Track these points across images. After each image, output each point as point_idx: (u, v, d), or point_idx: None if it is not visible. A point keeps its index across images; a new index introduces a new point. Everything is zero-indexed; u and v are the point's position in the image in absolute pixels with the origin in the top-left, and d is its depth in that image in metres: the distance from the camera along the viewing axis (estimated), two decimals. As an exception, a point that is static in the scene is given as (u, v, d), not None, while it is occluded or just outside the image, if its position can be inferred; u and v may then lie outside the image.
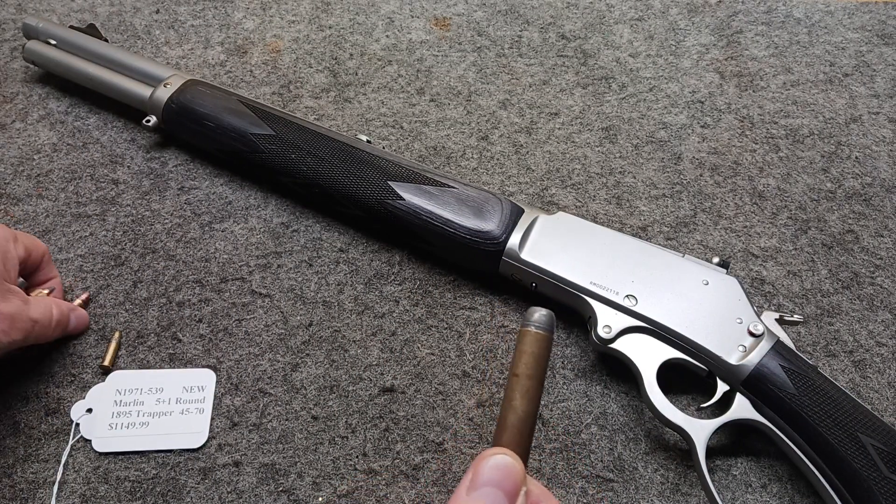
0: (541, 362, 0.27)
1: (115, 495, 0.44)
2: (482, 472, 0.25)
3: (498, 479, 0.25)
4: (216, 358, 0.50)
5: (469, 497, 0.25)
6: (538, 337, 0.27)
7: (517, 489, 0.25)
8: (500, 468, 0.25)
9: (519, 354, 0.28)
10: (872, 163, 0.62)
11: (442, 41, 0.71)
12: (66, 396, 0.48)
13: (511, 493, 0.25)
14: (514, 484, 0.25)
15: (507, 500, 0.25)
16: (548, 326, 0.28)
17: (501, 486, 0.25)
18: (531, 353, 0.27)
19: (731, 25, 0.73)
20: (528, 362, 0.27)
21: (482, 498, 0.25)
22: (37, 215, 0.57)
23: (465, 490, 0.25)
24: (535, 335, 0.27)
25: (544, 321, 0.28)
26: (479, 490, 0.25)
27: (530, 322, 0.28)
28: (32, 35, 0.65)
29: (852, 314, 0.53)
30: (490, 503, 0.25)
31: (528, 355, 0.27)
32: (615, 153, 0.63)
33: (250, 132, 0.56)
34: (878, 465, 0.40)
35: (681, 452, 0.47)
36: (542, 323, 0.28)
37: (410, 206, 0.52)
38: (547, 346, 0.28)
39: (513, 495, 0.25)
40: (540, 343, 0.27)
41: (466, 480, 0.25)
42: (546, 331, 0.28)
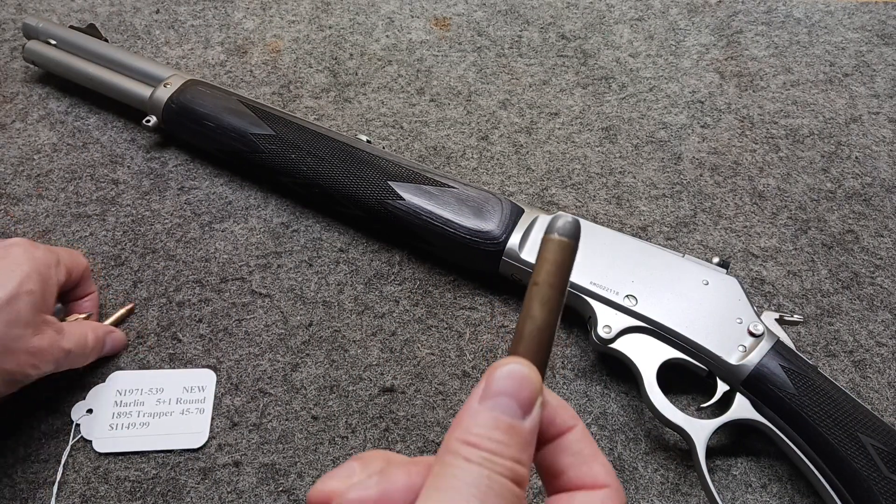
0: (562, 270, 0.26)
1: (115, 495, 0.44)
2: (495, 380, 0.24)
3: (512, 389, 0.23)
4: (216, 358, 0.50)
5: (481, 406, 0.23)
6: (560, 244, 0.26)
7: (533, 399, 0.24)
8: (515, 377, 0.24)
9: (540, 263, 0.26)
10: (872, 163, 0.62)
11: (442, 41, 0.71)
12: (67, 397, 0.48)
13: (526, 403, 0.23)
14: (529, 394, 0.24)
15: (521, 411, 0.23)
16: (571, 234, 0.26)
17: (516, 396, 0.23)
18: (552, 260, 0.26)
19: (731, 25, 0.73)
20: (548, 270, 0.26)
21: (495, 408, 0.23)
22: (37, 215, 0.57)
23: (476, 399, 0.24)
24: (557, 242, 0.26)
25: (567, 228, 0.26)
26: (492, 399, 0.23)
27: (553, 229, 0.26)
28: (32, 35, 0.65)
29: (852, 314, 0.53)
30: (503, 413, 0.23)
31: (549, 263, 0.26)
32: (615, 153, 0.63)
33: (250, 132, 0.56)
34: (878, 465, 0.40)
35: (681, 452, 0.47)
36: (564, 230, 0.26)
37: (410, 206, 0.52)
38: (569, 255, 0.26)
39: (528, 405, 0.23)
40: (561, 250, 0.26)
41: (479, 390, 0.24)
42: (569, 237, 0.26)
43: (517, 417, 0.23)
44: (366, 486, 0.23)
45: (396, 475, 0.23)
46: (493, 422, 0.23)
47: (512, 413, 0.23)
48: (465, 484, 0.22)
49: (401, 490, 0.23)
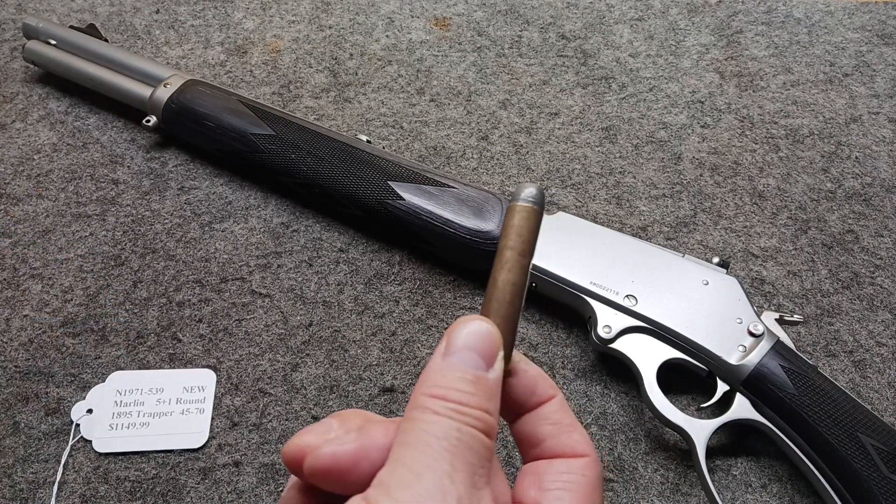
0: (523, 234, 0.27)
1: (115, 495, 0.44)
2: (456, 336, 0.24)
3: (474, 343, 0.24)
4: (216, 358, 0.50)
5: (445, 361, 0.24)
6: (525, 210, 0.27)
7: (494, 352, 0.24)
8: (475, 333, 0.24)
9: (506, 229, 0.27)
10: (872, 163, 0.62)
11: (442, 41, 0.71)
12: (67, 397, 0.48)
13: (488, 355, 0.24)
14: (490, 346, 0.24)
15: (485, 363, 0.24)
16: (536, 200, 0.27)
17: (477, 349, 0.24)
18: (514, 225, 0.27)
19: (731, 25, 0.73)
20: (513, 235, 0.26)
21: (459, 361, 0.24)
22: (37, 215, 0.57)
23: (440, 356, 0.24)
24: (522, 208, 0.27)
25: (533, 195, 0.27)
26: (455, 354, 0.24)
27: (518, 197, 0.27)
28: (32, 35, 0.65)
29: (852, 314, 0.53)
30: (465, 365, 0.24)
31: (514, 228, 0.27)
32: (615, 153, 0.62)
33: (250, 132, 0.56)
34: (878, 465, 0.40)
35: (681, 452, 0.47)
36: (529, 196, 0.27)
37: (410, 206, 0.52)
38: (531, 219, 0.27)
39: (490, 358, 0.24)
40: (527, 216, 0.27)
41: (441, 347, 0.24)
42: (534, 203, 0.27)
43: (481, 369, 0.24)
44: (342, 442, 0.23)
45: (375, 432, 0.23)
46: (459, 374, 0.23)
47: (476, 365, 0.24)
48: (435, 437, 0.22)
49: (379, 447, 0.23)
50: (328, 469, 0.22)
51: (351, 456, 0.22)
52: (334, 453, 0.22)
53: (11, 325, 0.51)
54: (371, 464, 0.22)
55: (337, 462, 0.22)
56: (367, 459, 0.22)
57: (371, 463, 0.22)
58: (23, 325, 0.51)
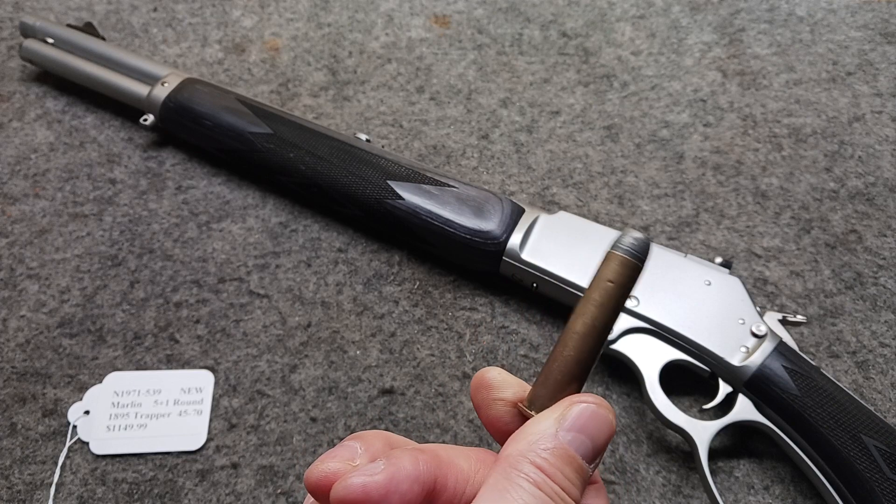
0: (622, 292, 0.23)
1: (112, 497, 0.44)
2: (578, 415, 0.22)
3: (591, 429, 0.22)
4: (214, 359, 0.50)
5: (556, 435, 0.22)
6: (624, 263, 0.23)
7: (604, 448, 0.23)
8: (597, 418, 0.22)
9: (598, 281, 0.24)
10: (876, 162, 0.62)
11: (442, 39, 0.71)
12: (64, 398, 0.48)
13: (598, 449, 0.23)
14: (604, 440, 0.23)
15: (592, 456, 0.22)
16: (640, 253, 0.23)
17: (592, 438, 0.22)
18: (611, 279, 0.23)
19: (733, 23, 0.72)
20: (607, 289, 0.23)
21: (572, 443, 0.22)
22: (34, 215, 0.57)
23: (553, 425, 0.22)
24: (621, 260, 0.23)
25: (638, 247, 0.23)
26: (573, 433, 0.22)
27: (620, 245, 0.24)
28: (29, 33, 0.64)
29: (855, 315, 0.53)
30: (576, 450, 0.22)
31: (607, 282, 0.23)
32: (617, 152, 0.62)
33: (248, 131, 0.55)
34: (881, 467, 0.40)
35: (683, 454, 0.46)
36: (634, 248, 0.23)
37: (410, 206, 0.51)
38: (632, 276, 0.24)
39: (598, 453, 0.23)
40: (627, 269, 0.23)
41: (555, 414, 0.22)
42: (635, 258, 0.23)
43: (588, 460, 0.22)
44: (371, 472, 0.21)
45: (403, 461, 0.22)
46: (569, 457, 0.22)
47: (585, 454, 0.22)
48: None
49: (408, 477, 0.21)
50: (357, 500, 0.21)
51: (381, 488, 0.21)
52: (364, 484, 0.21)
53: (8, 326, 0.51)
54: (401, 496, 0.21)
55: (367, 493, 0.21)
56: (398, 491, 0.21)
57: (401, 496, 0.21)
58: (19, 326, 0.51)
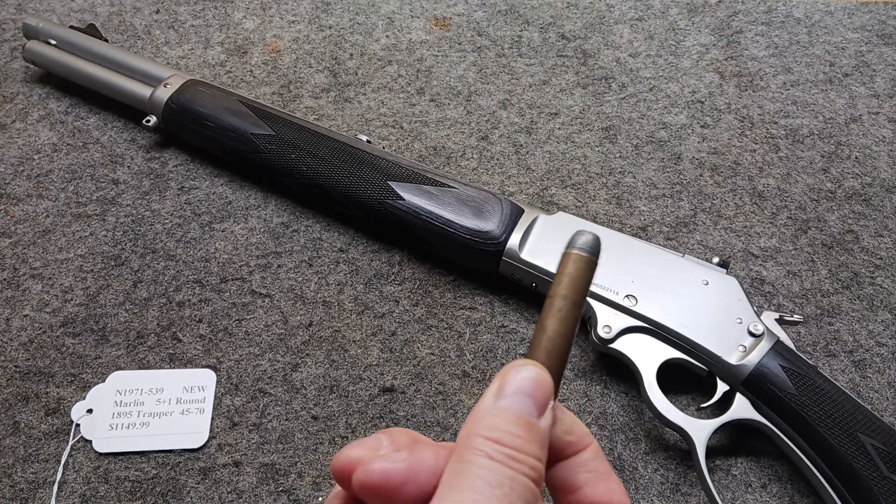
0: (580, 285, 0.26)
1: (115, 495, 0.44)
2: (511, 379, 0.24)
3: (528, 388, 0.23)
4: (216, 358, 0.50)
5: (499, 403, 0.23)
6: (580, 259, 0.26)
7: (547, 400, 0.24)
8: (530, 379, 0.24)
9: (559, 276, 0.26)
10: (872, 163, 0.62)
11: (442, 41, 0.71)
12: (67, 397, 0.48)
13: (541, 403, 0.23)
14: (543, 394, 0.23)
15: (537, 410, 0.23)
16: (592, 250, 0.27)
17: (532, 395, 0.23)
18: (571, 274, 0.26)
19: (730, 25, 0.73)
20: (567, 284, 0.26)
21: (512, 405, 0.23)
22: (37, 215, 0.57)
23: (492, 397, 0.23)
24: (577, 256, 0.26)
25: (589, 244, 0.27)
26: (510, 397, 0.23)
27: (574, 244, 0.27)
28: (32, 35, 0.65)
29: (852, 314, 0.53)
30: (519, 410, 0.23)
31: (568, 277, 0.26)
32: (615, 153, 0.62)
33: (250, 132, 0.56)
34: (878, 465, 0.40)
35: (681, 452, 0.47)
36: (586, 246, 0.27)
37: (410, 206, 0.52)
38: (588, 270, 0.26)
39: (543, 405, 0.23)
40: (581, 265, 0.26)
41: (493, 388, 0.24)
42: (589, 253, 0.26)
43: (533, 416, 0.23)
44: (394, 459, 0.22)
45: (425, 454, 0.23)
46: (515, 418, 0.23)
47: (529, 411, 0.23)
48: (489, 484, 0.21)
49: (428, 470, 0.22)
50: (378, 485, 0.22)
51: (402, 474, 0.22)
52: (385, 470, 0.22)
53: (11, 325, 0.51)
54: (419, 487, 0.22)
55: (388, 479, 0.22)
56: (417, 481, 0.22)
57: (419, 486, 0.22)
58: (23, 325, 0.51)
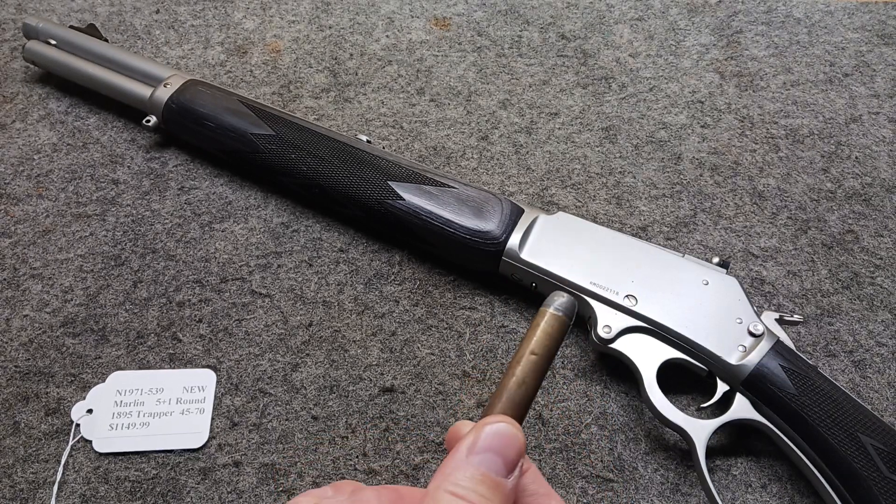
0: (553, 342, 0.27)
1: (115, 495, 0.44)
2: (485, 436, 0.25)
3: (500, 447, 0.24)
4: (216, 358, 0.50)
5: (469, 459, 0.24)
6: (556, 319, 0.28)
7: (517, 460, 0.25)
8: (504, 436, 0.25)
9: (534, 331, 0.28)
10: (872, 163, 0.62)
11: (442, 41, 0.71)
12: (67, 397, 0.48)
13: (511, 462, 0.24)
14: (515, 454, 0.25)
15: (506, 469, 0.24)
16: (567, 311, 0.28)
17: (503, 454, 0.24)
18: (546, 332, 0.27)
19: (731, 25, 0.73)
20: (541, 340, 0.27)
21: (483, 463, 0.24)
22: (37, 215, 0.57)
23: (465, 452, 0.24)
24: (553, 316, 0.28)
25: (565, 306, 0.28)
26: (481, 455, 0.24)
27: (552, 304, 0.28)
28: (32, 35, 0.65)
29: (852, 314, 0.53)
30: (488, 469, 0.24)
31: (543, 334, 0.27)
32: (615, 153, 0.63)
33: (250, 132, 0.56)
34: (878, 465, 0.40)
35: (681, 452, 0.47)
36: (562, 307, 0.28)
37: (410, 206, 0.52)
38: (562, 330, 0.28)
39: (512, 465, 0.24)
40: (556, 325, 0.28)
41: (467, 442, 0.25)
42: (564, 314, 0.28)
43: (502, 475, 0.24)
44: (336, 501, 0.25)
45: (366, 495, 0.25)
46: (481, 476, 0.24)
47: (497, 470, 0.24)
48: None
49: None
50: None
51: None
52: None
53: (11, 325, 0.51)
54: None
55: None
56: None
57: None
58: (23, 325, 0.51)
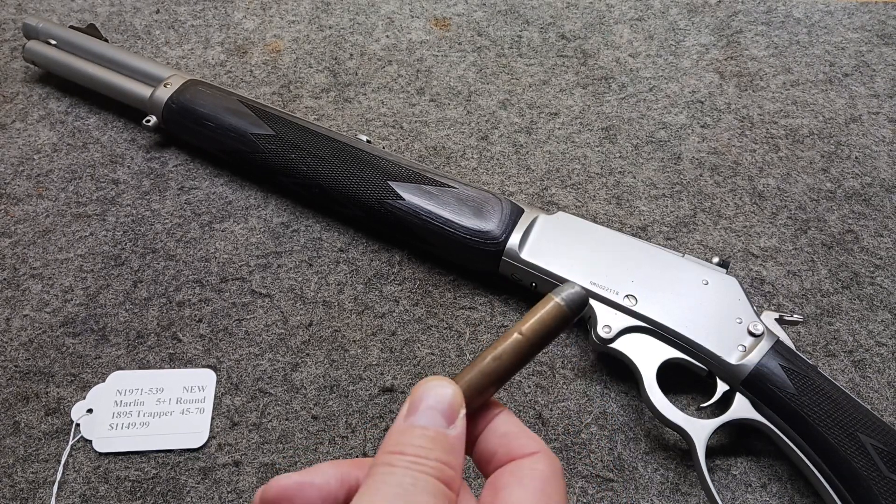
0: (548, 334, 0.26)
1: (115, 495, 0.44)
2: (418, 399, 0.25)
3: (435, 404, 0.25)
4: (216, 358, 0.50)
5: (406, 422, 0.25)
6: (559, 310, 0.26)
7: (455, 412, 0.25)
8: (437, 395, 0.25)
9: (533, 317, 0.26)
10: (872, 163, 0.62)
11: (442, 41, 0.71)
12: (67, 396, 0.48)
13: (446, 412, 0.25)
14: (451, 408, 0.25)
15: (444, 420, 0.25)
16: (575, 306, 0.26)
17: (434, 407, 0.25)
18: (545, 322, 0.26)
19: (730, 25, 0.73)
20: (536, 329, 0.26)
21: (419, 421, 0.25)
22: (37, 215, 0.57)
23: (402, 418, 0.25)
24: (557, 307, 0.26)
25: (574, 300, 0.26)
26: (415, 414, 0.25)
27: (559, 293, 0.26)
28: (32, 35, 0.65)
29: (852, 314, 0.53)
30: (426, 423, 0.25)
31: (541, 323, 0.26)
32: (615, 153, 0.63)
33: (250, 132, 0.56)
34: (878, 465, 0.40)
35: (680, 452, 0.47)
36: (570, 300, 0.26)
37: (410, 206, 0.52)
38: (562, 323, 0.26)
39: (449, 415, 0.25)
40: (558, 316, 0.26)
41: (404, 409, 0.26)
42: (570, 308, 0.26)
43: (442, 426, 0.25)
44: (287, 476, 0.25)
45: (323, 466, 0.26)
46: (420, 431, 0.25)
47: (436, 423, 0.25)
48: (390, 485, 0.23)
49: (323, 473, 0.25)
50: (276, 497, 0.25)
51: (294, 484, 0.25)
52: (278, 482, 0.25)
53: (11, 325, 0.51)
54: (317, 489, 0.25)
55: (282, 489, 0.25)
56: (312, 485, 0.25)
57: (317, 488, 0.25)
58: (23, 325, 0.51)
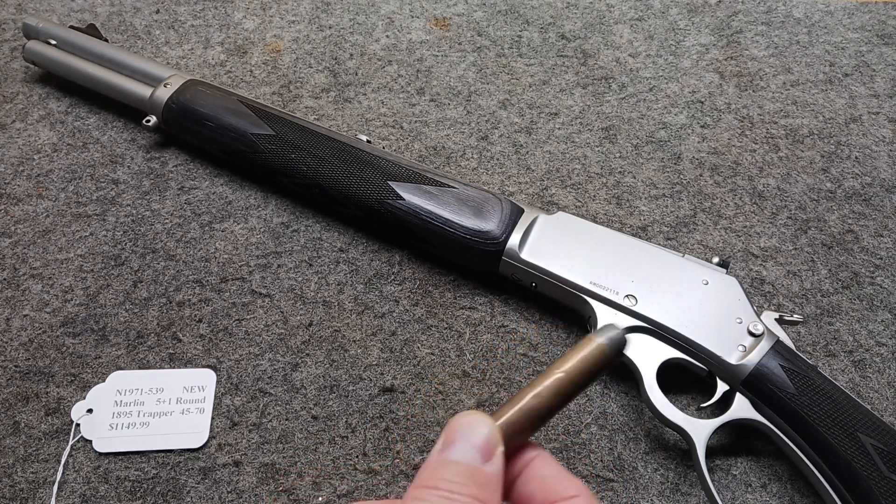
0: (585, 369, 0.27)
1: (115, 495, 0.44)
2: (454, 433, 0.25)
3: (466, 436, 0.25)
4: (216, 358, 0.50)
5: (440, 457, 0.24)
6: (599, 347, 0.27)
7: (492, 448, 0.25)
8: (468, 425, 0.25)
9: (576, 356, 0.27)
10: (872, 163, 0.62)
11: (442, 41, 0.71)
12: (67, 396, 0.48)
13: (482, 449, 0.24)
14: (487, 444, 0.25)
15: (480, 457, 0.24)
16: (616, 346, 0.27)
17: (470, 442, 0.24)
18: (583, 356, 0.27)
19: (730, 25, 0.73)
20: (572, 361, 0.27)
21: (454, 455, 0.24)
22: (37, 215, 0.57)
23: (437, 452, 0.25)
24: (598, 344, 0.27)
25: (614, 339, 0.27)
26: (448, 449, 0.24)
27: (602, 334, 0.27)
28: (32, 35, 0.65)
29: (852, 314, 0.53)
30: (461, 458, 0.24)
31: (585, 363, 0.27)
32: (615, 153, 0.63)
33: (250, 132, 0.56)
34: (878, 465, 0.40)
35: (680, 452, 0.47)
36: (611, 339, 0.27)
37: (410, 206, 0.52)
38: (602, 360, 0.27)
39: (486, 452, 0.24)
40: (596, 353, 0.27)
41: (439, 444, 0.25)
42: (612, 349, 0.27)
43: (477, 461, 0.24)
44: None
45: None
46: (455, 467, 0.24)
47: (472, 458, 0.24)
48: None
49: None
50: None
51: None
52: None
53: (11, 325, 0.51)
54: None
55: None
56: None
57: None
58: (23, 325, 0.51)
